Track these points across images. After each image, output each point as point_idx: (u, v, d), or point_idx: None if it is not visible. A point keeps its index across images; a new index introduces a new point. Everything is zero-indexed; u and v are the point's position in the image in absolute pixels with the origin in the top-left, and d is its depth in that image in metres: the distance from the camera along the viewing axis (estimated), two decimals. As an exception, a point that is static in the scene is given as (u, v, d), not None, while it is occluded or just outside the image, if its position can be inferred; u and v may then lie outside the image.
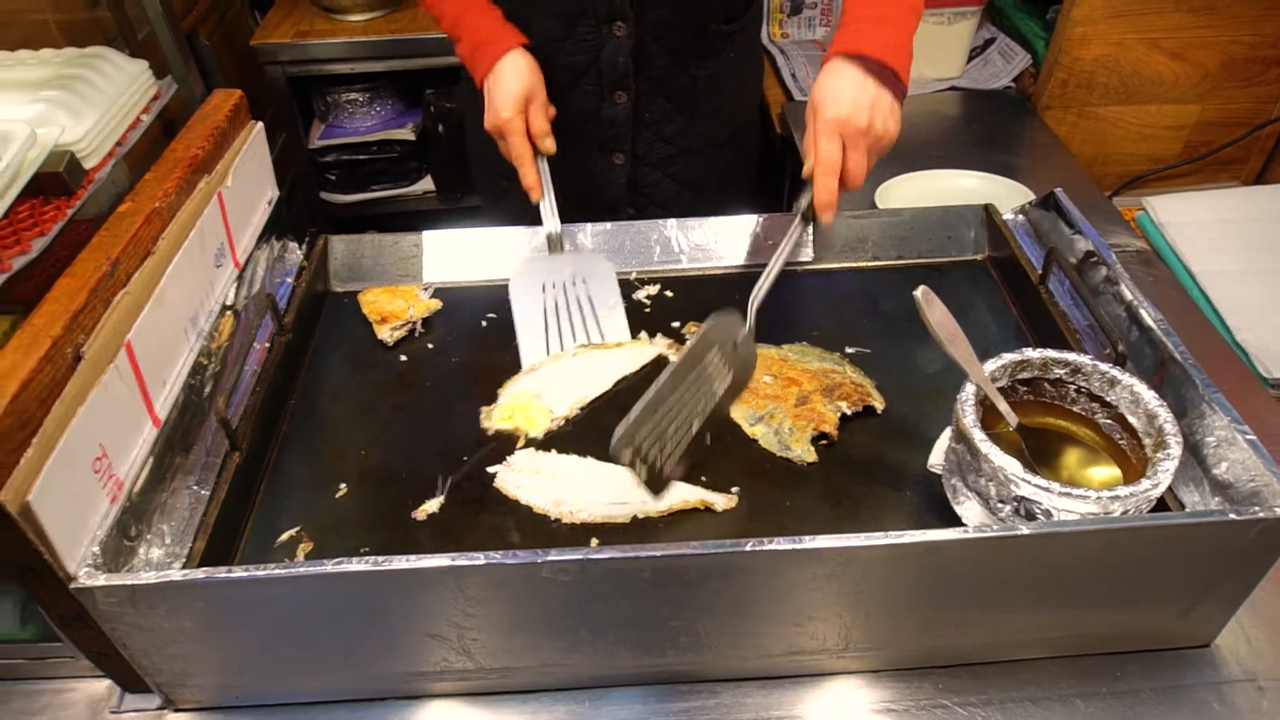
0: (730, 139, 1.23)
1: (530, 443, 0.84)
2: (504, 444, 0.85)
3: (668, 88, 1.12)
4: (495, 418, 0.86)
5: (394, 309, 0.98)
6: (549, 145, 1.01)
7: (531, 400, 0.87)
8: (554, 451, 0.83)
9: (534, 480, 0.79)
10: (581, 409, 0.87)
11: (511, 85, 0.98)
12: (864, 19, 0.87)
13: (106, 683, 0.71)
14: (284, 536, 0.76)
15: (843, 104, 0.83)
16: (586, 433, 0.86)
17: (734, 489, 0.79)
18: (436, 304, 1.00)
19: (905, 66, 0.86)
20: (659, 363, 0.91)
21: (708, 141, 1.19)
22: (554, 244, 1.01)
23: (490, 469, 0.81)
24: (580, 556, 0.60)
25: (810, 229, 1.00)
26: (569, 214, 1.05)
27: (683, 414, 0.74)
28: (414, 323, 0.98)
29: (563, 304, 0.98)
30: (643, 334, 0.96)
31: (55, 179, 0.76)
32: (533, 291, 0.99)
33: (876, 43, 0.84)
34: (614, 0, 1.03)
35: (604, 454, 0.79)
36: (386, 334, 0.96)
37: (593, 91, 1.11)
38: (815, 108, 0.85)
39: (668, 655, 0.67)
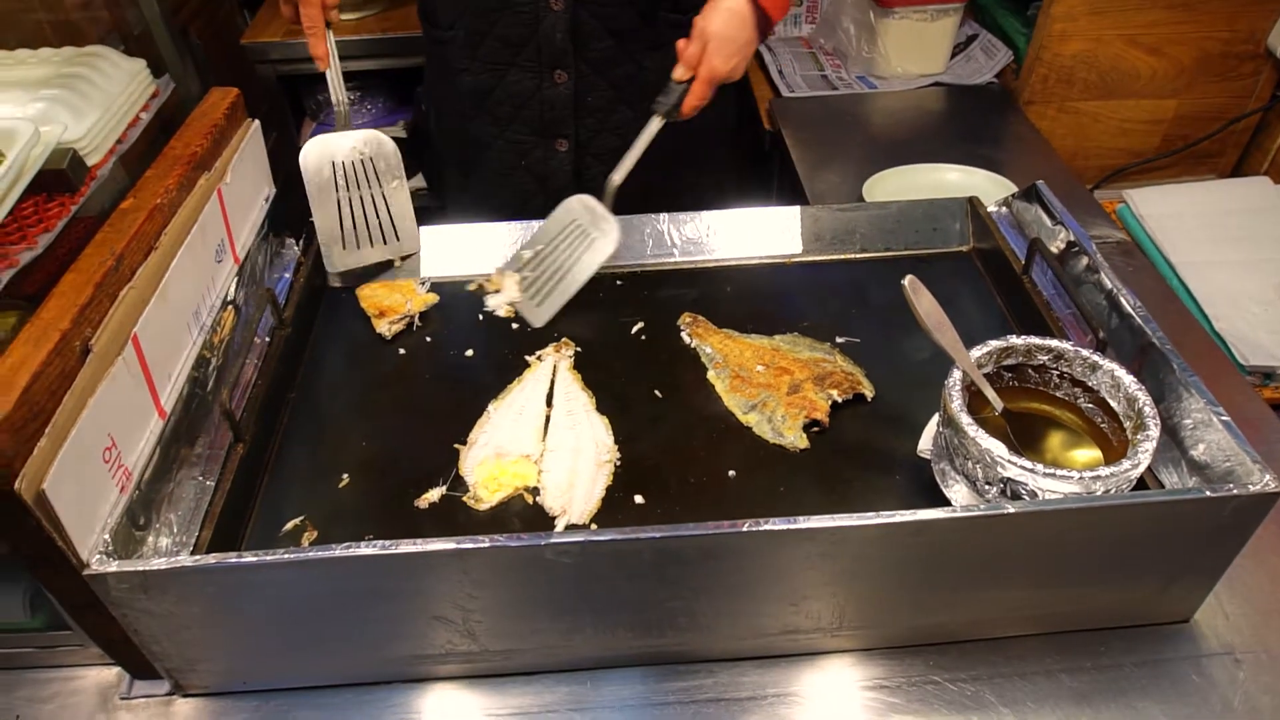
0: (690, 147, 1.20)
1: (533, 491, 0.81)
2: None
3: (611, 73, 1.12)
4: (486, 496, 0.80)
5: (392, 303, 0.99)
6: (334, 16, 0.99)
7: (501, 460, 0.83)
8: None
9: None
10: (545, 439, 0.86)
11: None
12: None
13: (115, 670, 0.72)
14: (289, 526, 0.78)
15: (733, 51, 0.94)
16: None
17: (730, 473, 0.81)
18: (433, 298, 1.01)
19: (776, 22, 0.98)
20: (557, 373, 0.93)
21: (659, 141, 1.11)
22: (341, 119, 1.02)
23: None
24: (582, 539, 0.61)
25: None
26: (515, 204, 1.07)
27: (553, 265, 1.00)
28: (412, 316, 0.99)
29: (352, 181, 1.02)
30: (532, 357, 0.95)
31: (59, 176, 0.77)
32: (324, 167, 1.01)
33: (781, 7, 0.96)
34: None
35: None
36: (385, 328, 0.97)
37: (531, 69, 1.10)
38: (712, 44, 0.93)
39: (667, 636, 0.69)
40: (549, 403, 0.89)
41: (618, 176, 0.98)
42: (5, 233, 0.75)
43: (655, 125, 0.96)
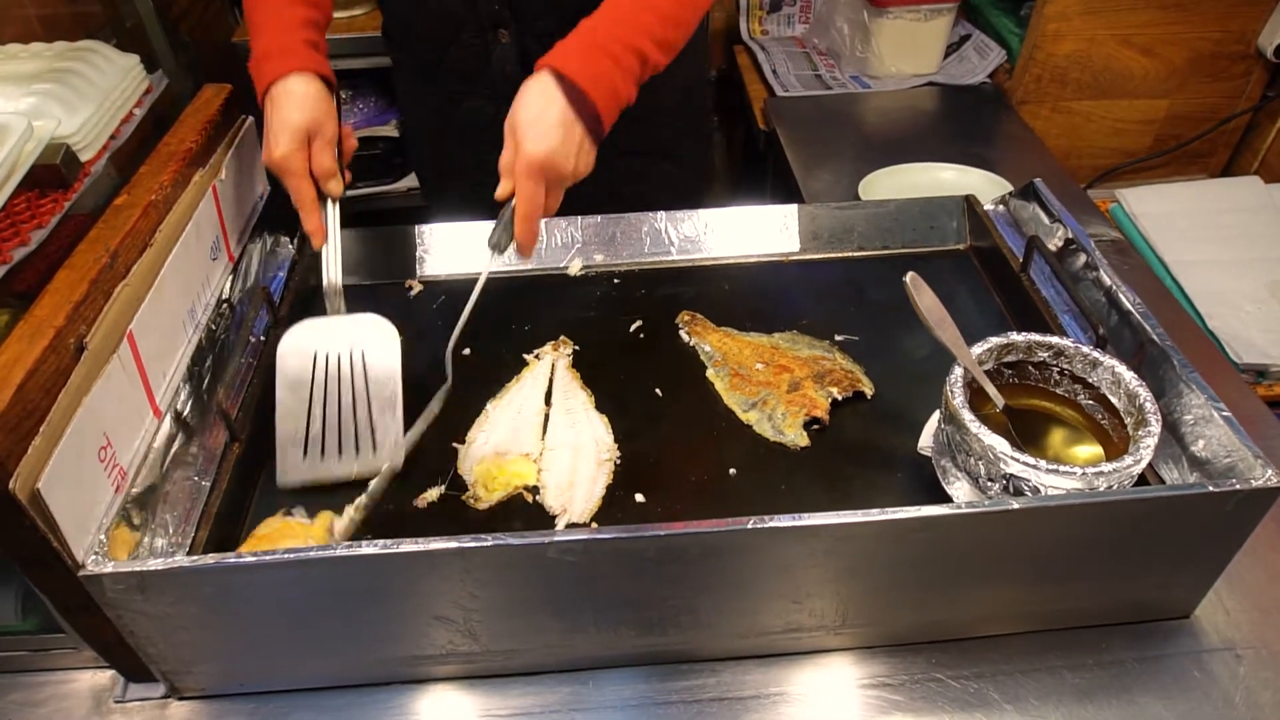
0: (662, 148, 1.20)
1: (533, 490, 0.80)
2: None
3: None
4: (485, 496, 0.79)
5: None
6: (334, 188, 0.87)
7: (500, 459, 0.82)
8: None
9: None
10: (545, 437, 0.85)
11: (289, 115, 0.82)
12: (596, 45, 0.83)
13: (109, 673, 0.71)
14: (285, 526, 0.77)
15: (549, 143, 0.79)
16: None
17: (731, 471, 0.80)
18: (337, 519, 0.75)
19: (610, 114, 0.83)
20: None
21: (625, 150, 1.05)
22: (332, 299, 0.88)
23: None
24: (586, 537, 0.61)
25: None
26: (490, 214, 1.04)
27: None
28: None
29: (333, 392, 0.83)
30: (530, 356, 0.94)
31: (52, 171, 0.76)
32: (304, 362, 0.83)
33: (601, 83, 0.81)
34: (493, 6, 1.02)
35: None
36: None
37: (488, 96, 1.10)
38: (520, 131, 0.81)
39: (669, 634, 0.69)
40: (548, 401, 0.88)
41: (454, 341, 0.85)
42: (-3, 229, 0.74)
43: (491, 261, 0.85)
